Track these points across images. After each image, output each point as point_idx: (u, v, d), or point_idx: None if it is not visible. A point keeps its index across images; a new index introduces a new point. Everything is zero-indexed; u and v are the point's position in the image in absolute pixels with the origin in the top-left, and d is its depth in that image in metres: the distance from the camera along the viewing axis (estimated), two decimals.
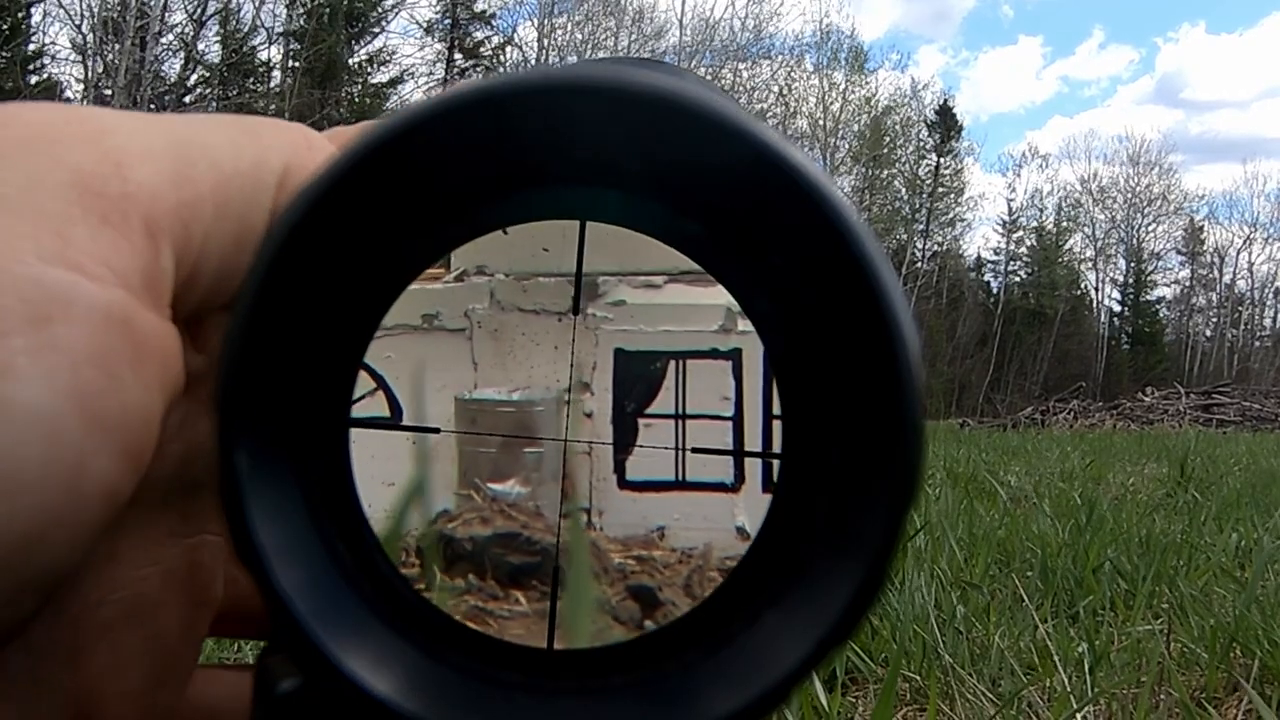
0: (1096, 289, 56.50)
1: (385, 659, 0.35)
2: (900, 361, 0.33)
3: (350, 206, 0.33)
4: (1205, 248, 57.45)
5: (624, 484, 0.42)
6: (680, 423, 0.41)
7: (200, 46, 30.49)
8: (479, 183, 0.35)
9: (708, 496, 0.41)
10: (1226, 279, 57.92)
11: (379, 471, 0.39)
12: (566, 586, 0.40)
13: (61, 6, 29.91)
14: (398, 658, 0.36)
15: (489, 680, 0.36)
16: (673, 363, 0.41)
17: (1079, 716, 2.15)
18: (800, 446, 0.37)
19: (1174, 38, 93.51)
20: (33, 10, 27.99)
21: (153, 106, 27.95)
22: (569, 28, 38.09)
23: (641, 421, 0.41)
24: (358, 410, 0.39)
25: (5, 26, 25.52)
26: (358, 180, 0.33)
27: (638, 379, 0.42)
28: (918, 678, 2.41)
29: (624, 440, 0.41)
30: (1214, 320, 58.02)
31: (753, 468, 0.41)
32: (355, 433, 0.39)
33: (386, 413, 0.40)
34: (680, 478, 0.42)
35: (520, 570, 0.40)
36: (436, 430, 0.41)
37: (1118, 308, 57.05)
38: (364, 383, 0.39)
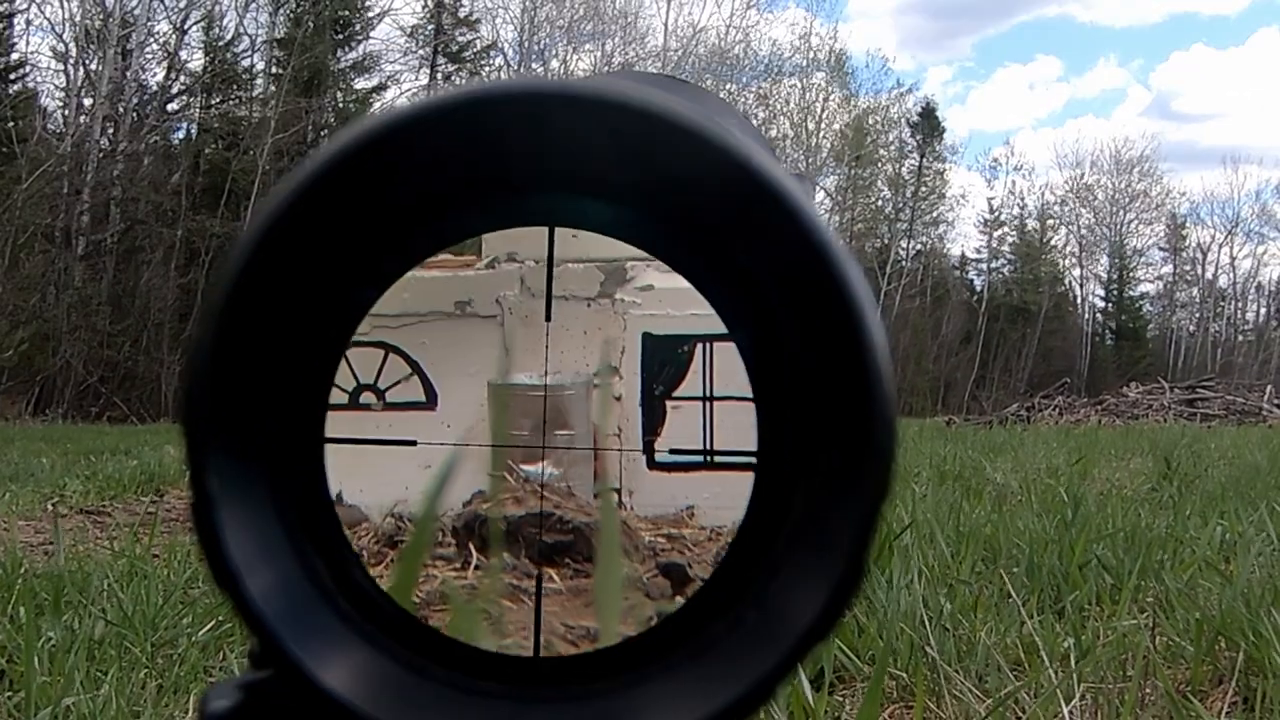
0: (1080, 285, 56.71)
1: (361, 669, 0.35)
2: (869, 361, 0.33)
3: (318, 216, 0.33)
4: (1187, 244, 57.68)
5: (653, 464, 0.42)
6: (708, 405, 0.42)
7: (183, 55, 30.38)
8: (449, 191, 0.35)
9: (735, 475, 0.41)
10: (1209, 274, 58.19)
11: (418, 455, 0.40)
12: (598, 563, 0.41)
13: (43, 14, 29.76)
14: (374, 668, 0.36)
15: (470, 690, 0.37)
16: (700, 345, 0.42)
17: (1065, 711, 2.16)
18: (776, 446, 0.37)
19: (1166, 56, 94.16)
20: (14, 20, 27.85)
21: (135, 115, 27.81)
22: (550, 31, 38.06)
23: (670, 404, 0.42)
24: (394, 395, 0.40)
25: None
26: (323, 191, 0.33)
27: (665, 362, 0.42)
28: (904, 675, 2.41)
29: (652, 422, 0.42)
30: (1197, 315, 58.23)
31: None
32: (399, 415, 0.39)
33: (423, 397, 0.41)
34: (709, 458, 0.42)
35: (553, 549, 0.41)
36: (413, 443, 0.41)
37: (1101, 304, 57.29)
38: (399, 368, 0.40)
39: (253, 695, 0.39)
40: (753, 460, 0.38)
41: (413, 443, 0.41)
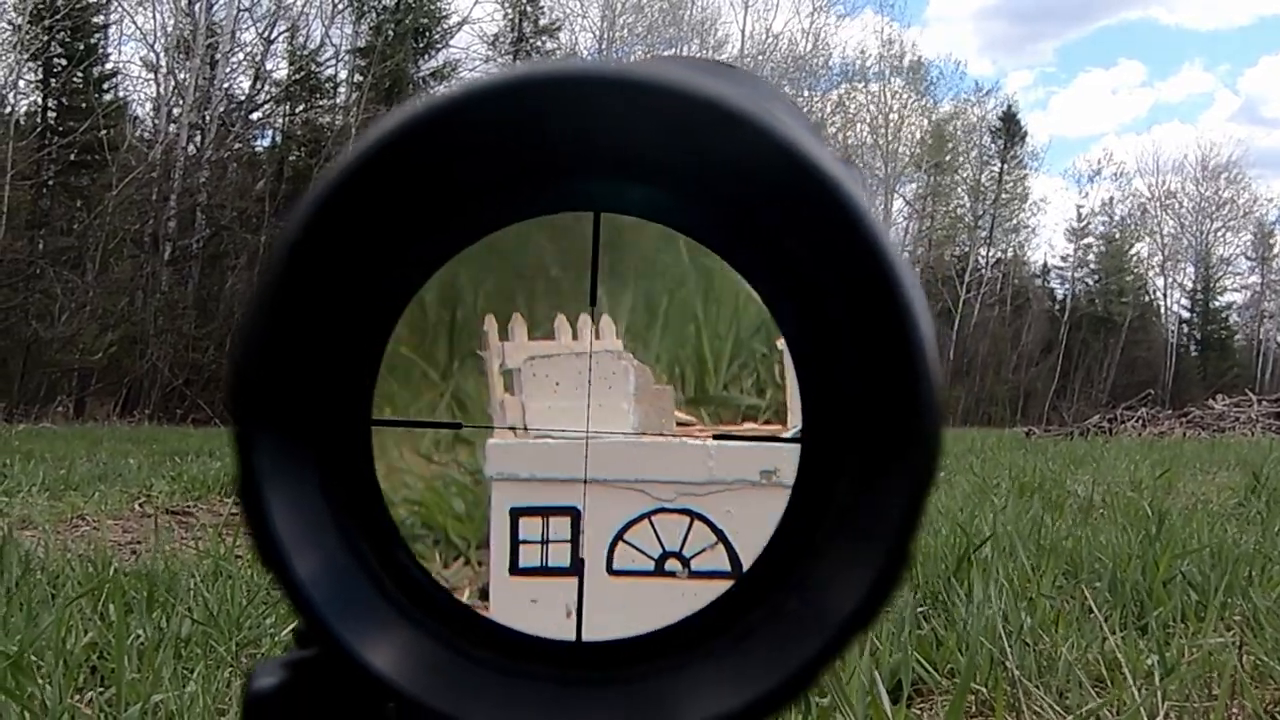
0: (1164, 294, 55.52)
1: (405, 650, 0.36)
2: (914, 347, 0.33)
3: (364, 200, 0.34)
4: (1276, 252, 56.15)
5: None
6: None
7: (268, 64, 30.90)
8: (494, 175, 0.35)
9: None
10: None
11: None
12: None
13: (135, 25, 30.48)
14: (418, 649, 0.37)
15: (513, 673, 0.37)
16: None
17: None
18: (820, 433, 0.37)
19: (1254, 59, 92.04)
20: (109, 31, 28.56)
21: (221, 123, 28.37)
22: (629, 38, 38.17)
23: None
24: (699, 564, 0.40)
25: (81, 47, 26.05)
26: (369, 174, 0.34)
27: None
28: (984, 690, 2.38)
29: None
30: None
31: None
32: (703, 584, 0.39)
33: (727, 567, 0.40)
34: None
35: None
36: (459, 426, 0.41)
37: (1186, 314, 56.02)
38: (705, 536, 0.40)
39: (298, 673, 0.39)
40: (797, 447, 0.38)
41: (459, 425, 0.41)
